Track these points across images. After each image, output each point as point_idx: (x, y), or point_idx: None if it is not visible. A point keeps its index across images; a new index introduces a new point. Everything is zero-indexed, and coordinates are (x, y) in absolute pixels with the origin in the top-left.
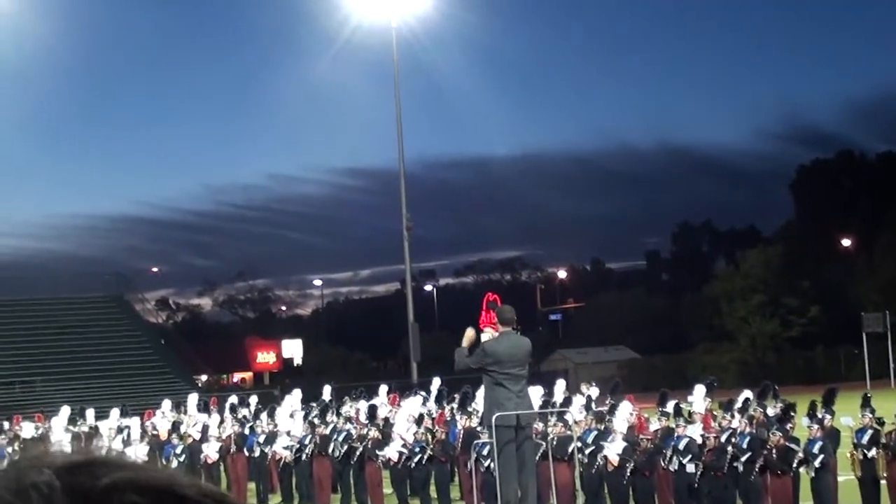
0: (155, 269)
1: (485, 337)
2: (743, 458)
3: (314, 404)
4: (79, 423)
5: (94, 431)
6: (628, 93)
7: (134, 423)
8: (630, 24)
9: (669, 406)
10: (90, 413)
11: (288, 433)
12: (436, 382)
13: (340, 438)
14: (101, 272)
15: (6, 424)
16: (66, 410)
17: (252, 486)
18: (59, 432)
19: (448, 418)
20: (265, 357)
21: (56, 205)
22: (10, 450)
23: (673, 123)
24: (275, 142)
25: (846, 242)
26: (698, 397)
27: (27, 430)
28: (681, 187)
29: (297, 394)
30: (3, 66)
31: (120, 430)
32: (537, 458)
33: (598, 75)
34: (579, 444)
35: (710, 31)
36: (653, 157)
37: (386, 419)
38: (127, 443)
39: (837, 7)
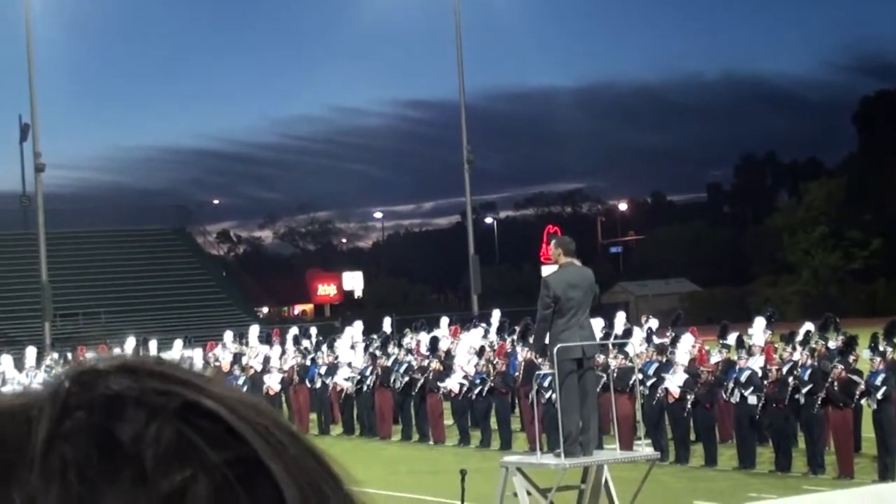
0: (216, 202)
1: (546, 271)
2: (804, 391)
3: (375, 336)
4: (142, 354)
5: None
6: (694, 23)
7: (196, 354)
8: None
9: (730, 338)
10: (153, 344)
11: (349, 365)
12: (496, 314)
13: (402, 370)
14: (164, 204)
15: (70, 355)
16: (131, 341)
17: (314, 416)
18: None
19: (508, 350)
20: (326, 289)
21: (119, 137)
22: None
23: (738, 54)
24: (337, 74)
25: None
26: (758, 330)
27: None
28: (744, 119)
29: (358, 326)
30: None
31: (182, 361)
32: (598, 389)
33: (663, 5)
34: (640, 377)
35: None
36: (717, 89)
37: (447, 351)
38: None
39: None
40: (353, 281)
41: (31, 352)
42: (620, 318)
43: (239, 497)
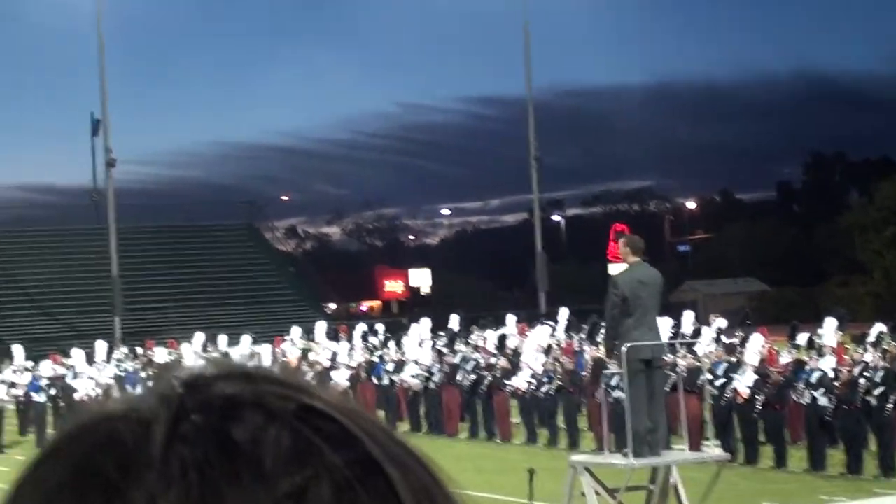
0: (285, 198)
1: (613, 270)
2: (876, 392)
3: (442, 333)
4: (210, 349)
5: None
6: (764, 20)
7: (265, 349)
8: None
9: (800, 339)
10: (222, 339)
11: (416, 362)
12: (564, 312)
13: (469, 368)
14: (233, 200)
15: (139, 350)
16: (200, 337)
17: (381, 414)
18: (191, 358)
19: (576, 348)
20: (393, 286)
21: (191, 133)
22: (143, 374)
23: (809, 51)
24: (407, 70)
25: None
26: (829, 330)
27: (160, 355)
28: (814, 116)
29: (425, 323)
30: None
31: (251, 356)
32: (666, 389)
33: (731, 2)
34: (709, 377)
35: None
36: (787, 86)
37: (514, 349)
38: None
39: None
40: (421, 278)
41: (100, 346)
42: (688, 318)
43: (359, 497)
